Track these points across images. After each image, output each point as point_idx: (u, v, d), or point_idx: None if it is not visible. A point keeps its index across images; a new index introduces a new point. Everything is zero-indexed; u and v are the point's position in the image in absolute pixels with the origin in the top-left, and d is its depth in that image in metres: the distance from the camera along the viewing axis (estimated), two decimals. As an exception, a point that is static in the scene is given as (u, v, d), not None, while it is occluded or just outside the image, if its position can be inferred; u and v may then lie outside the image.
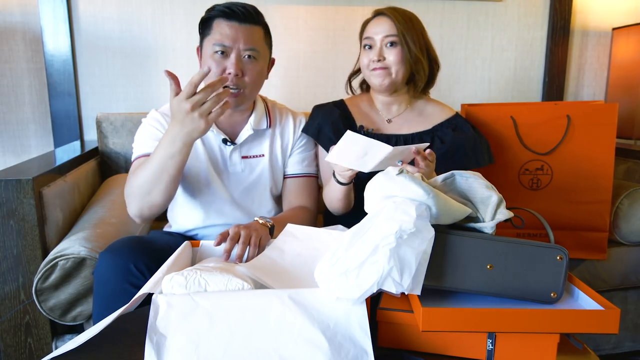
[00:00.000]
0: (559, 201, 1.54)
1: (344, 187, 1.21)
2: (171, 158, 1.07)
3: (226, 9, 1.20)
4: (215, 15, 1.21)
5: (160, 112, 1.27)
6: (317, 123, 1.35)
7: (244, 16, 1.19)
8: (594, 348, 1.64)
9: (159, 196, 1.12)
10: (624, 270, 1.66)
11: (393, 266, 0.75)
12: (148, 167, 1.10)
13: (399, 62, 1.29)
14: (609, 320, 0.76)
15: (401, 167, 0.90)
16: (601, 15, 2.28)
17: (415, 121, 1.39)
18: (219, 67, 1.19)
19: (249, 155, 1.32)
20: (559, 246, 0.82)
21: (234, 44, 1.19)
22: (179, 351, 0.73)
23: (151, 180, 1.10)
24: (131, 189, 1.14)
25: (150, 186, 1.10)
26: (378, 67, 1.29)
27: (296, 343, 0.74)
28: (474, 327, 0.76)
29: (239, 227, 1.05)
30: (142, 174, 1.11)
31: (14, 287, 1.28)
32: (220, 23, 1.20)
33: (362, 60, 1.34)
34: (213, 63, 1.19)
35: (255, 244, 1.04)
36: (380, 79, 1.30)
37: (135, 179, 1.13)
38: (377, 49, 1.29)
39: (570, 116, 1.49)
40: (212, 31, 1.20)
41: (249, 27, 1.21)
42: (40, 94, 1.94)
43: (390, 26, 1.28)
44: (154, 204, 1.13)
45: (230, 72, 1.19)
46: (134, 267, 1.02)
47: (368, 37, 1.32)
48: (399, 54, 1.28)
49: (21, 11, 1.87)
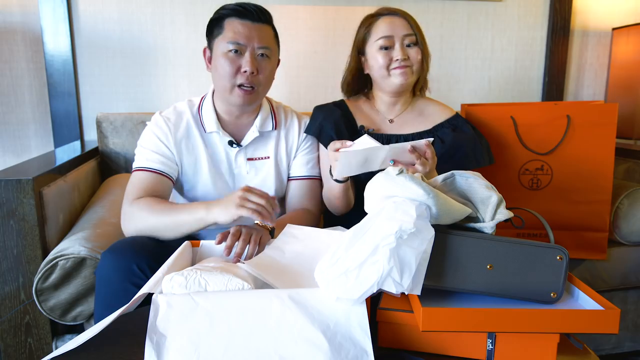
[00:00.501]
0: (559, 201, 1.54)
1: (341, 185, 1.21)
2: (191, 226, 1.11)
3: (239, 8, 1.19)
4: (226, 15, 1.20)
5: (164, 117, 1.27)
6: (319, 123, 1.34)
7: (257, 15, 1.20)
8: (594, 348, 1.64)
9: (163, 237, 1.14)
10: (624, 270, 1.66)
11: (393, 266, 0.75)
12: (165, 213, 1.12)
13: (420, 61, 1.30)
14: (609, 320, 0.76)
15: (401, 167, 0.90)
16: (601, 15, 2.28)
17: (415, 121, 1.39)
18: (233, 66, 1.19)
19: (254, 157, 1.32)
20: (559, 246, 0.82)
21: (248, 42, 1.19)
22: (179, 351, 0.73)
23: (162, 228, 1.13)
24: (136, 217, 1.14)
25: (160, 229, 1.13)
26: (402, 65, 1.28)
27: (296, 343, 0.74)
28: (474, 327, 0.76)
29: (240, 226, 1.05)
30: (156, 214, 1.12)
31: (14, 287, 1.28)
32: (233, 22, 1.19)
33: (377, 60, 1.30)
34: (226, 61, 1.19)
35: (256, 242, 1.04)
36: (404, 78, 1.29)
37: (146, 212, 1.13)
38: (399, 48, 1.28)
39: (570, 116, 1.49)
40: (224, 30, 1.20)
41: (262, 26, 1.21)
42: (40, 94, 1.94)
43: (407, 25, 1.29)
44: (154, 237, 1.15)
45: (246, 70, 1.19)
46: (137, 267, 1.03)
47: (385, 36, 1.29)
48: (419, 53, 1.29)
49: (21, 11, 1.87)
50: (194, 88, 1.96)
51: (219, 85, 1.23)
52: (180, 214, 1.11)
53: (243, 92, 1.21)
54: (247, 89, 1.21)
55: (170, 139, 1.24)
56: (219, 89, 1.25)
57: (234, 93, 1.22)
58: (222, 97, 1.26)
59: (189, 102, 1.32)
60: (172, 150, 1.24)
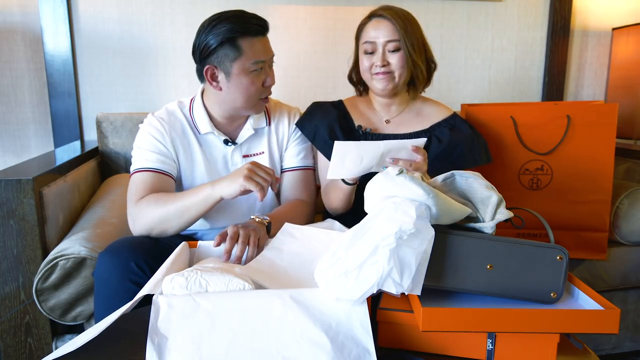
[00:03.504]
0: (559, 201, 1.54)
1: (349, 187, 1.21)
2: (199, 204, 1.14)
3: (250, 25, 1.18)
4: (239, 35, 1.17)
5: (157, 117, 1.27)
6: (314, 124, 1.34)
7: (264, 27, 1.22)
8: (594, 348, 1.64)
9: (172, 228, 1.15)
10: (624, 270, 1.66)
11: (393, 267, 0.75)
12: (172, 201, 1.14)
13: (402, 67, 1.27)
14: (609, 320, 0.76)
15: (400, 167, 0.90)
16: (601, 15, 2.29)
17: (413, 121, 1.39)
18: (259, 82, 1.22)
19: (249, 153, 1.32)
20: (559, 246, 0.82)
21: (266, 57, 1.22)
22: (180, 352, 0.73)
23: (170, 217, 1.13)
24: (144, 212, 1.15)
25: (169, 218, 1.14)
26: (381, 72, 1.27)
27: (298, 343, 0.74)
28: (474, 327, 0.76)
29: (237, 227, 1.05)
30: (164, 204, 1.14)
31: (14, 287, 1.28)
32: (249, 41, 1.18)
33: (362, 64, 1.32)
34: (254, 80, 1.20)
35: (254, 244, 1.04)
36: (384, 84, 1.29)
37: (153, 205, 1.14)
38: (380, 54, 1.27)
39: (570, 116, 1.49)
40: (243, 51, 1.17)
41: (267, 38, 1.24)
42: (40, 94, 1.94)
43: (392, 30, 1.26)
44: (165, 232, 1.16)
45: (271, 84, 1.25)
46: (135, 265, 1.03)
47: (368, 41, 1.29)
48: (401, 58, 1.27)
49: (21, 11, 1.87)
50: (194, 88, 1.95)
51: (240, 102, 1.23)
52: (186, 197, 1.13)
53: (264, 102, 1.27)
54: (266, 99, 1.27)
55: (167, 138, 1.24)
56: (236, 104, 1.24)
57: (257, 106, 1.26)
58: (229, 108, 1.26)
59: (179, 103, 1.32)
60: (169, 149, 1.24)
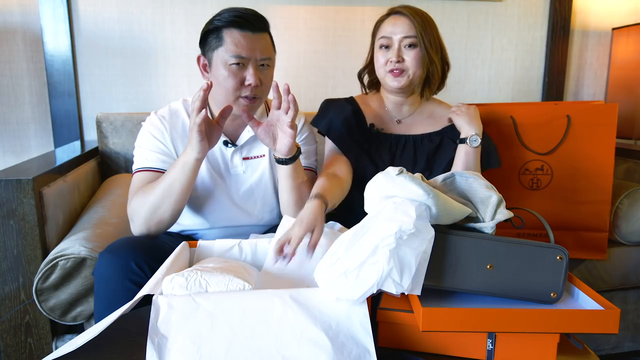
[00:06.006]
0: (559, 201, 1.54)
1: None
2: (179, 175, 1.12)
3: (238, 18, 1.15)
4: (224, 25, 1.16)
5: (159, 116, 1.26)
6: (329, 118, 1.33)
7: (256, 25, 1.17)
8: (594, 348, 1.64)
9: (168, 211, 1.13)
10: (624, 270, 1.66)
11: (393, 267, 0.75)
12: (157, 184, 1.12)
13: (417, 64, 1.26)
14: (609, 320, 0.76)
15: (401, 167, 0.90)
16: (601, 15, 2.29)
17: (425, 122, 1.37)
18: (236, 79, 1.17)
19: (249, 156, 1.32)
20: (559, 246, 0.82)
21: (250, 54, 1.16)
22: (180, 352, 0.73)
23: (160, 200, 1.12)
24: (137, 206, 1.14)
25: (159, 201, 1.12)
26: (396, 68, 1.26)
27: (299, 343, 0.74)
28: (474, 327, 0.76)
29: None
30: (151, 191, 1.13)
31: (14, 287, 1.28)
32: (233, 33, 1.16)
33: (377, 59, 1.30)
34: (230, 75, 1.17)
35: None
36: (398, 81, 1.27)
37: (142, 196, 1.14)
38: (396, 50, 1.26)
39: (570, 116, 1.49)
40: (224, 42, 1.16)
41: (261, 36, 1.19)
42: (40, 94, 1.94)
43: (409, 26, 1.25)
44: (162, 221, 1.14)
45: (251, 83, 1.17)
46: (135, 265, 1.02)
47: (385, 36, 1.27)
48: (417, 55, 1.25)
49: (21, 11, 1.87)
50: (194, 88, 1.95)
51: (220, 96, 1.21)
52: (166, 175, 1.12)
53: (247, 102, 1.20)
54: (251, 99, 1.20)
55: (167, 137, 1.24)
56: (219, 98, 1.23)
57: (237, 103, 1.20)
58: (217, 102, 1.25)
59: (184, 101, 1.31)
60: (169, 148, 1.24)
